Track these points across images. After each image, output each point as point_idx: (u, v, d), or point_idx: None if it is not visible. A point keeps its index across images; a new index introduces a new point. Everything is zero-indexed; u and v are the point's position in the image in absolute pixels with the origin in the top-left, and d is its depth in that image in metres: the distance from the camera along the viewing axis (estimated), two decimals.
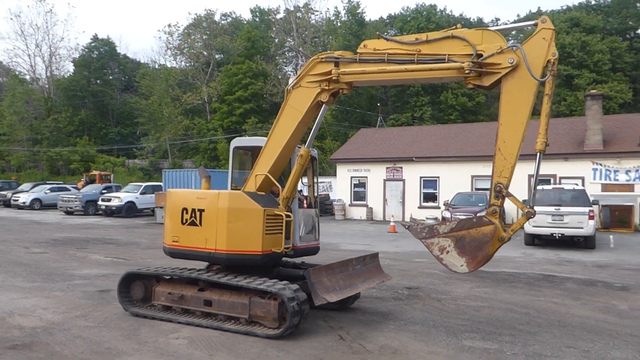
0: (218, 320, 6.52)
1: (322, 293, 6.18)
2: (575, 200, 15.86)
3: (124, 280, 7.26)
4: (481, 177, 25.94)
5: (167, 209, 7.16)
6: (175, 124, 53.23)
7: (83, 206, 29.00)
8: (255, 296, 6.30)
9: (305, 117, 6.71)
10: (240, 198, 6.63)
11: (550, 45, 5.47)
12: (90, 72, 64.18)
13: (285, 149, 6.83)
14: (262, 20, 67.63)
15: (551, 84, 5.48)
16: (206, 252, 6.68)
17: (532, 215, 5.49)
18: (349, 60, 6.38)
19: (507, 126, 5.58)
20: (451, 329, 6.58)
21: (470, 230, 5.55)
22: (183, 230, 6.86)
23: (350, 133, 45.27)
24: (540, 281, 10.15)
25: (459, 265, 5.57)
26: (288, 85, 6.90)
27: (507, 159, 5.56)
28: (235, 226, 6.51)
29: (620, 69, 46.19)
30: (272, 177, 6.83)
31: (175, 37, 59.04)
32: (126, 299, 7.26)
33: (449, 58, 5.81)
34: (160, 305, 7.04)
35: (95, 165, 51.73)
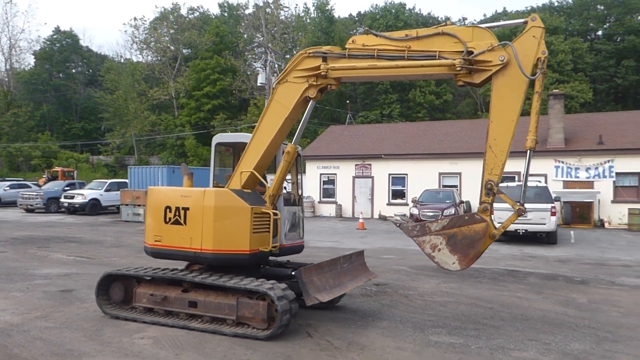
0: (204, 322, 6.31)
1: (313, 293, 6.06)
2: (538, 197, 16.29)
3: (103, 282, 6.94)
4: (448, 174, 26.41)
5: (149, 207, 6.93)
6: (141, 119, 52.24)
7: (44, 203, 28.16)
8: (243, 297, 6.12)
9: (292, 113, 6.59)
10: (227, 196, 6.45)
11: (540, 44, 5.51)
12: (52, 66, 62.32)
13: (271, 146, 6.69)
14: (230, 15, 66.92)
15: (541, 81, 5.50)
16: (191, 252, 6.46)
17: (523, 212, 5.54)
18: (338, 55, 6.26)
19: (498, 124, 5.61)
20: (418, 325, 6.66)
21: (462, 227, 5.56)
22: (166, 230, 6.63)
23: (319, 130, 45.31)
24: (504, 276, 10.39)
25: (451, 263, 5.58)
26: (274, 81, 6.76)
27: (498, 156, 5.59)
28: (222, 225, 6.32)
29: (581, 70, 47.67)
30: (258, 174, 6.71)
31: (141, 31, 57.94)
32: (105, 302, 6.95)
33: (440, 55, 5.77)
34: (142, 307, 6.75)
35: (57, 161, 50.29)
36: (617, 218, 22.82)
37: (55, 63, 62.59)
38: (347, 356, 5.43)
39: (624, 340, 6.14)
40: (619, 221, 22.71)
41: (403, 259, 12.72)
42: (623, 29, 50.15)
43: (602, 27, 53.64)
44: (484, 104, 53.25)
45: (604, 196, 23.17)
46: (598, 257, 13.28)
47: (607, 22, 53.08)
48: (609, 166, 23.27)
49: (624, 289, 9.21)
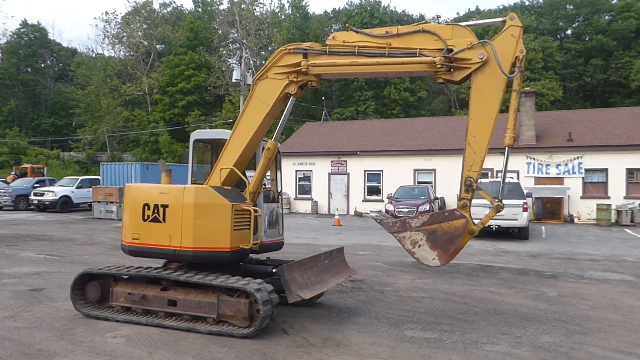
0: (183, 321, 6.22)
1: (296, 290, 6.04)
2: (510, 193, 16.57)
3: (78, 281, 6.79)
4: (423, 170, 26.68)
5: (126, 204, 6.79)
6: (114, 115, 51.29)
7: (13, 201, 27.51)
8: (224, 294, 6.06)
9: (272, 110, 6.56)
10: (208, 193, 6.36)
11: (518, 42, 5.59)
12: (20, 60, 60.58)
13: (251, 142, 6.66)
14: (204, 11, 66.11)
15: (519, 80, 5.61)
16: (171, 250, 6.36)
17: (501, 208, 5.65)
18: (318, 52, 6.26)
19: (477, 121, 5.67)
20: (393, 320, 6.71)
21: (442, 224, 5.62)
22: (144, 227, 6.52)
23: (295, 127, 45.24)
24: (478, 271, 10.56)
25: (431, 259, 5.64)
26: (254, 77, 6.72)
27: (477, 153, 5.65)
28: (202, 222, 6.25)
29: (551, 68, 48.71)
30: (238, 171, 6.66)
31: (113, 26, 56.74)
32: (80, 301, 6.81)
33: (420, 52, 5.80)
34: (119, 306, 6.63)
35: (26, 157, 48.99)
36: (586, 213, 23.44)
37: (23, 57, 60.84)
38: (322, 352, 5.44)
39: (592, 332, 6.31)
40: (587, 216, 23.33)
41: (378, 255, 12.81)
42: (591, 29, 51.42)
43: (571, 26, 54.89)
44: (458, 101, 53.96)
45: (574, 192, 23.77)
46: (568, 252, 13.62)
47: (576, 22, 54.34)
48: (578, 162, 23.88)
49: (592, 283, 9.47)
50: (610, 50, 48.76)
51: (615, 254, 13.31)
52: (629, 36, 47.98)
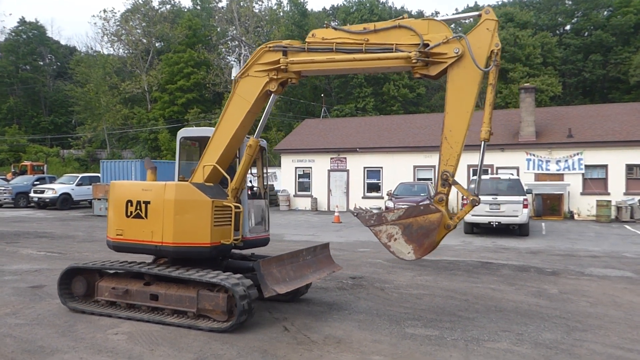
0: (165, 315, 6.34)
1: (271, 285, 6.09)
2: (510, 189, 16.60)
3: (65, 276, 6.92)
4: (423, 167, 26.66)
5: (111, 201, 6.92)
6: (113, 113, 51.23)
7: (13, 198, 27.52)
8: (203, 289, 6.15)
9: (254, 107, 6.61)
10: (188, 189, 6.47)
11: (494, 36, 5.57)
12: (19, 58, 60.40)
13: (233, 140, 6.70)
14: (203, 8, 65.93)
15: (495, 74, 5.61)
16: (152, 246, 6.48)
17: (477, 203, 5.63)
18: (297, 49, 6.30)
19: (453, 115, 5.67)
20: (394, 317, 6.72)
21: (417, 217, 5.61)
22: (128, 223, 6.65)
23: (294, 124, 45.21)
24: (478, 268, 10.57)
25: (406, 253, 5.63)
26: (236, 75, 6.76)
27: (453, 147, 5.64)
28: (182, 218, 6.35)
29: (550, 63, 48.62)
30: (220, 168, 6.70)
31: (111, 23, 56.60)
32: (67, 295, 6.93)
33: (397, 47, 5.82)
34: (104, 300, 6.77)
35: (26, 155, 48.94)
36: (586, 210, 23.44)
37: (21, 55, 60.66)
38: (323, 349, 5.45)
39: (593, 329, 6.32)
40: (587, 213, 23.34)
41: (378, 252, 12.80)
42: (590, 24, 51.33)
43: (570, 22, 54.76)
44: None
45: (574, 188, 23.76)
46: (568, 248, 13.63)
47: (575, 17, 54.22)
48: (578, 159, 23.87)
49: (593, 279, 9.47)
50: (609, 45, 48.67)
51: (615, 250, 13.32)
52: (628, 32, 47.91)
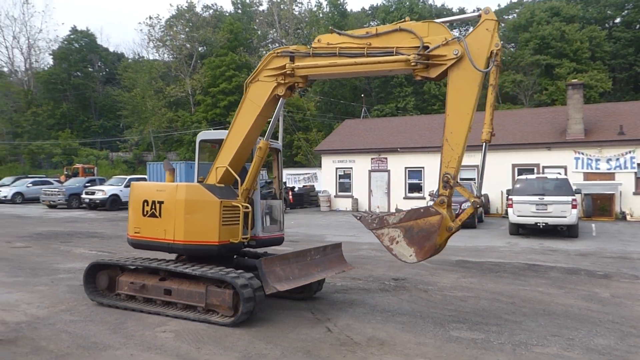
0: (177, 309, 6.67)
1: (272, 282, 6.28)
2: (558, 189, 16.06)
3: (90, 271, 7.39)
4: (465, 166, 26.02)
5: (130, 201, 7.35)
6: (159, 116, 52.70)
7: (66, 199, 28.67)
8: (212, 285, 6.43)
9: (264, 111, 6.85)
10: (198, 190, 6.79)
11: (494, 36, 5.52)
12: (71, 65, 63.07)
13: (245, 142, 6.95)
14: (244, 12, 66.99)
15: (495, 74, 5.54)
16: (165, 243, 6.85)
17: (477, 204, 5.59)
18: (303, 54, 6.48)
19: (454, 117, 5.64)
20: (438, 320, 6.63)
21: (418, 220, 5.61)
22: (144, 222, 7.05)
23: (334, 124, 45.25)
24: (525, 270, 10.28)
25: (408, 255, 5.64)
26: (247, 80, 7.01)
27: (455, 149, 5.62)
28: (192, 217, 6.68)
29: (599, 58, 46.77)
30: (232, 170, 6.96)
31: (157, 30, 58.27)
32: (92, 289, 7.40)
33: (397, 51, 5.87)
34: (124, 294, 7.18)
35: (78, 158, 51.04)
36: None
37: (73, 62, 63.33)
38: (367, 351, 5.44)
39: None
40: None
41: None
42: None
43: (621, 14, 52.37)
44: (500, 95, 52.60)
45: (626, 188, 22.74)
46: (620, 251, 13.06)
47: (626, 9, 51.85)
48: (630, 157, 22.83)
49: None
50: None
51: None
52: None
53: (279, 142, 7.81)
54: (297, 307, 7.23)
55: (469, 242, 14.93)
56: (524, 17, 50.89)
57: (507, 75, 49.35)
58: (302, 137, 44.88)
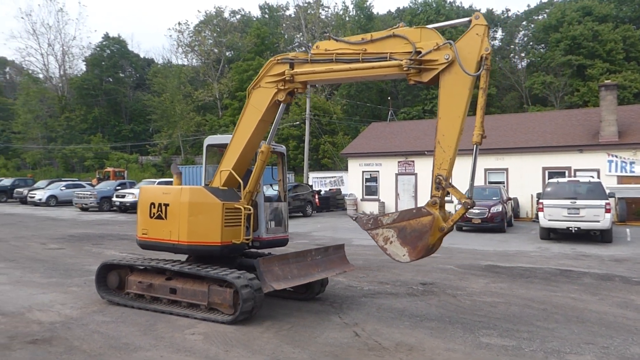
0: (182, 307, 6.91)
1: (269, 281, 6.45)
2: (591, 193, 15.65)
3: (101, 271, 7.72)
4: (494, 169, 25.76)
5: (139, 204, 7.61)
6: (187, 120, 53.55)
7: (98, 202, 29.29)
8: (214, 284, 6.66)
9: (265, 116, 7.05)
10: (201, 193, 7.06)
11: (483, 41, 5.57)
12: (103, 71, 64.65)
13: (247, 146, 7.17)
14: (271, 16, 67.56)
15: (485, 78, 5.59)
16: (170, 244, 7.11)
17: (468, 205, 5.61)
18: (302, 61, 6.68)
19: (445, 120, 5.73)
20: (468, 326, 6.53)
21: (410, 221, 5.69)
22: (151, 224, 7.32)
23: (361, 127, 45.14)
24: (557, 276, 10.05)
25: (402, 255, 5.71)
26: (249, 86, 7.22)
27: (446, 151, 5.71)
28: (195, 219, 6.93)
29: (634, 58, 45.45)
30: (235, 173, 7.19)
31: (185, 35, 59.30)
32: (103, 288, 7.73)
33: (391, 56, 6.01)
34: (133, 293, 7.47)
35: (109, 162, 52.23)
36: None
37: (105, 68, 64.91)
38: (395, 356, 5.40)
39: None
40: None
41: (449, 257, 12.51)
42: None
43: None
44: (531, 97, 51.64)
45: None
46: None
47: None
48: None
49: None
50: None
51: None
52: None
53: (282, 146, 8.17)
54: (324, 311, 7.23)
55: (498, 246, 14.68)
56: (554, 17, 49.86)
57: (536, 77, 48.42)
58: (328, 141, 44.91)
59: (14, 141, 59.27)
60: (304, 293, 7.76)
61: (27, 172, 52.86)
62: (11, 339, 5.89)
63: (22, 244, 14.65)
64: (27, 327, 6.37)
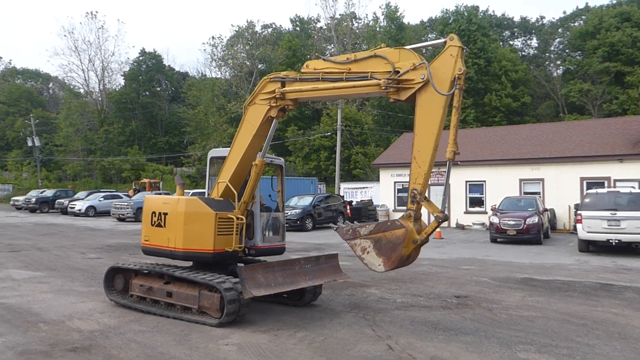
0: (177, 310, 7.33)
1: (250, 287, 6.63)
2: (632, 204, 15.12)
3: (108, 274, 8.31)
4: (530, 180, 25.21)
5: (143, 212, 8.14)
6: (220, 132, 54.39)
7: (134, 213, 29.93)
8: (204, 289, 7.06)
9: (259, 131, 7.41)
10: (195, 203, 7.50)
11: (457, 61, 5.73)
12: (139, 85, 66.54)
13: (243, 160, 7.52)
14: (302, 29, 68.27)
15: (458, 97, 5.71)
16: (168, 250, 7.61)
17: (441, 219, 5.65)
18: (292, 79, 7.01)
19: (421, 136, 5.91)
20: (504, 340, 6.39)
21: (385, 232, 5.84)
22: (152, 231, 7.84)
23: (392, 138, 44.93)
24: (597, 290, 9.73)
25: (377, 265, 5.85)
26: (245, 102, 7.57)
27: (421, 166, 5.87)
28: (190, 227, 7.37)
29: None
30: (230, 185, 7.57)
31: (219, 49, 60.44)
32: (111, 289, 8.32)
33: (371, 75, 6.27)
34: (136, 296, 7.97)
35: (145, 173, 53.51)
36: None
37: (141, 82, 66.81)
38: None
39: None
40: None
41: (484, 270, 12.27)
42: None
43: None
44: (567, 105, 50.43)
45: None
46: None
47: None
48: None
49: None
50: None
51: None
52: None
53: (281, 159, 8.75)
54: (357, 323, 7.20)
55: (534, 259, 14.32)
56: (591, 24, 48.74)
57: (573, 85, 47.32)
58: (360, 151, 44.85)
59: (56, 154, 61.55)
60: (299, 300, 8.10)
61: (67, 184, 54.67)
62: (53, 347, 6.09)
63: (62, 253, 15.13)
64: (67, 335, 6.57)
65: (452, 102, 5.75)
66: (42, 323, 7.14)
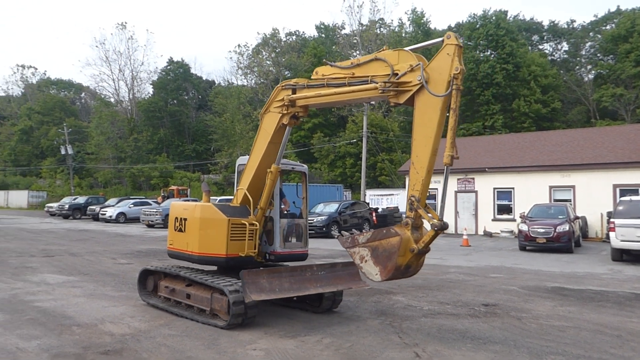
0: (194, 312, 7.60)
1: (251, 292, 6.70)
2: None
3: (141, 276, 8.75)
4: (560, 187, 24.70)
5: (169, 218, 8.51)
6: (247, 139, 54.97)
7: (163, 219, 30.43)
8: (216, 292, 7.24)
9: (274, 138, 7.48)
10: (210, 209, 7.73)
11: (454, 61, 5.48)
12: (167, 93, 67.87)
13: (260, 167, 7.65)
14: (327, 36, 68.62)
15: (456, 97, 5.46)
16: (186, 254, 7.90)
17: (436, 227, 5.47)
18: (302, 86, 7.02)
19: (418, 141, 5.71)
20: (534, 350, 6.27)
21: (382, 241, 5.72)
22: (175, 236, 8.20)
23: None
24: (631, 300, 9.46)
25: (374, 274, 5.74)
26: (261, 111, 7.63)
27: (419, 172, 5.66)
28: (205, 233, 7.63)
29: None
30: (247, 192, 7.74)
31: (245, 57, 61.25)
32: (142, 290, 8.76)
33: (372, 79, 6.17)
34: (163, 296, 8.33)
35: (173, 180, 54.46)
36: None
37: (169, 91, 68.16)
38: None
39: None
40: None
41: (513, 278, 12.07)
42: None
43: None
44: (598, 111, 49.29)
45: None
46: None
47: None
48: None
49: None
50: None
51: None
52: None
53: (304, 165, 8.71)
54: (384, 330, 7.17)
55: (565, 267, 14.01)
56: (623, 27, 47.61)
57: (605, 89, 46.25)
58: (386, 158, 44.69)
59: (88, 161, 63.23)
60: (317, 306, 8.08)
61: (99, 191, 56.07)
62: (85, 350, 6.23)
63: (94, 258, 15.48)
64: (99, 339, 6.71)
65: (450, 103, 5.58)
66: (75, 326, 7.32)
